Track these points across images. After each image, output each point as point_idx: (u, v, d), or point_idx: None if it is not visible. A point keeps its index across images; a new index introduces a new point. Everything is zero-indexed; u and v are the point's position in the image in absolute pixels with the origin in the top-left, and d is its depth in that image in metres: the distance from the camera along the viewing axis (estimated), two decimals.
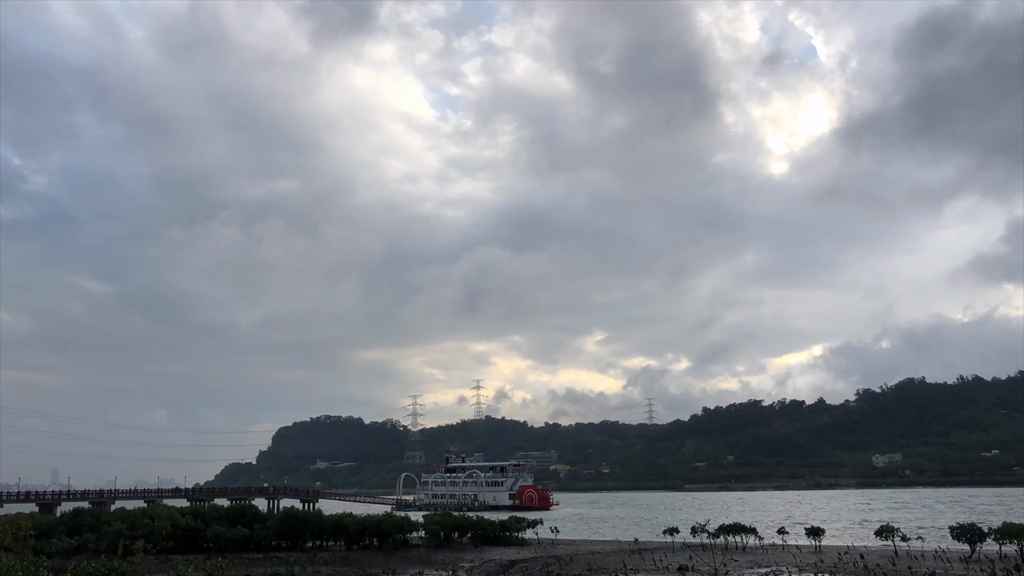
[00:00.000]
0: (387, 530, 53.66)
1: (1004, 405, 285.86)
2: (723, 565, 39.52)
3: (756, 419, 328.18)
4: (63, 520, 59.25)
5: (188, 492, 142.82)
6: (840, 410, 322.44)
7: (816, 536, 47.81)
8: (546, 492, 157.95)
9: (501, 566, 42.01)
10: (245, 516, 54.52)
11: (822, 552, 44.76)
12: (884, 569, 36.35)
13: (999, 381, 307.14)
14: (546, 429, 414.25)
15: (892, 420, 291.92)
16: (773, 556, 44.24)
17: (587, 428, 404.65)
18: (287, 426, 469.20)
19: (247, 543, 50.67)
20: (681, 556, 44.14)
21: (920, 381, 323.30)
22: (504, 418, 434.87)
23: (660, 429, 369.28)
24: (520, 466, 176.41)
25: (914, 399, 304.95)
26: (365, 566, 42.22)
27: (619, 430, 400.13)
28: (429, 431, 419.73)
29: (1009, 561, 36.41)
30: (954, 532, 42.26)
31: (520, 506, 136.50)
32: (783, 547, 48.37)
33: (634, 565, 40.82)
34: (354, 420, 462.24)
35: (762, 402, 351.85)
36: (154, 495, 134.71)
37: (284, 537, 53.31)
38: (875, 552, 43.67)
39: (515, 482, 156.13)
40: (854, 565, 37.95)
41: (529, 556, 46.99)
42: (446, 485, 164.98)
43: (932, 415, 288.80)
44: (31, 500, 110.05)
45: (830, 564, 38.85)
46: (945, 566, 37.20)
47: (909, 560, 39.53)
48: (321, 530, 54.02)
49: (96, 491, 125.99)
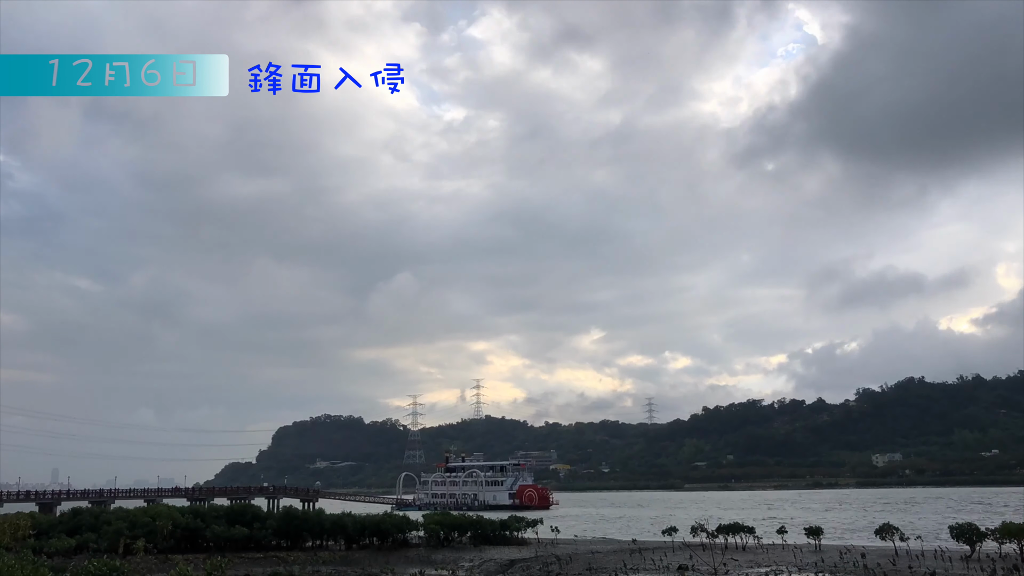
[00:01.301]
0: (387, 530, 53.69)
1: (1004, 405, 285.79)
2: (723, 565, 39.54)
3: (756, 419, 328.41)
4: (63, 519, 59.23)
5: (188, 491, 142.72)
6: (840, 410, 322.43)
7: (816, 536, 47.81)
8: (546, 492, 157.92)
9: (501, 566, 42.02)
10: (245, 516, 54.50)
11: (822, 552, 44.76)
12: (884, 569, 36.38)
13: (999, 381, 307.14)
14: (546, 429, 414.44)
15: (892, 420, 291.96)
16: (773, 556, 44.26)
17: (587, 427, 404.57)
18: (287, 425, 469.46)
19: (247, 543, 50.65)
20: (681, 556, 44.16)
21: (920, 381, 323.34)
22: (504, 418, 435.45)
23: (660, 429, 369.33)
24: (520, 465, 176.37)
25: (914, 399, 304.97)
26: (365, 565, 42.24)
27: (619, 429, 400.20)
28: (429, 431, 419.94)
29: (1009, 561, 36.44)
30: (954, 532, 42.29)
31: (520, 506, 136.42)
32: (783, 547, 48.39)
33: (634, 565, 40.84)
34: (354, 420, 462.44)
35: (762, 402, 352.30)
36: (154, 494, 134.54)
37: (284, 537, 53.30)
38: (875, 552, 43.68)
39: (515, 482, 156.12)
40: (854, 565, 37.99)
41: (529, 556, 46.98)
42: (446, 485, 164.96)
43: (932, 415, 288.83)
44: (31, 499, 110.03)
45: (830, 564, 38.89)
46: (945, 566, 37.23)
47: (909, 560, 39.56)
48: (321, 529, 54.01)
49: (96, 490, 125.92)
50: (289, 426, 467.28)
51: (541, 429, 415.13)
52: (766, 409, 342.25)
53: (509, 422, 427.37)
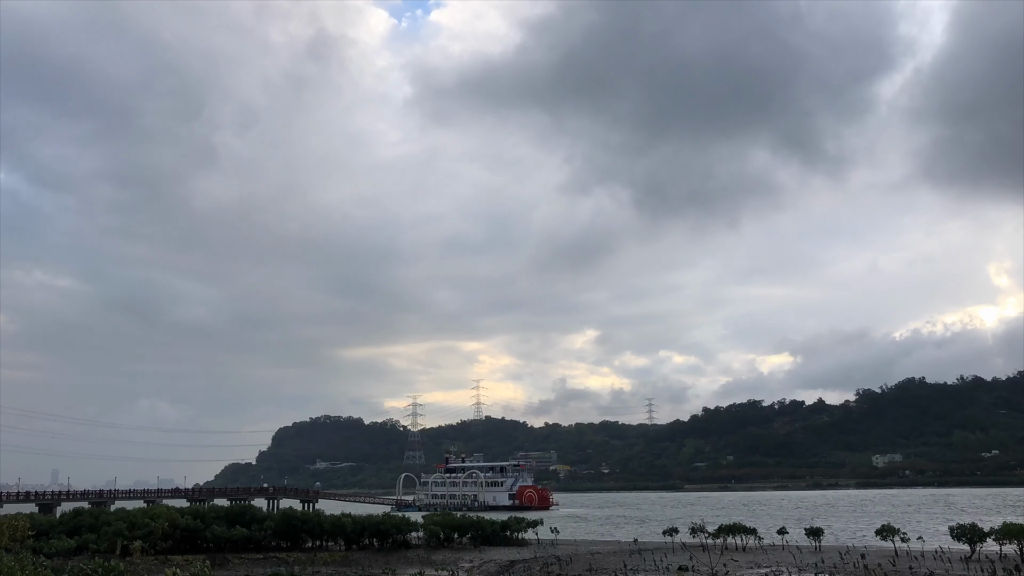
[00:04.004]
0: (386, 530, 53.65)
1: (1004, 405, 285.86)
2: (723, 565, 39.50)
3: (756, 419, 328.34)
4: (63, 520, 59.13)
5: (188, 492, 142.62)
6: (840, 410, 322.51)
7: (816, 536, 47.77)
8: (546, 492, 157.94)
9: (501, 566, 41.96)
10: (244, 516, 54.44)
11: (822, 552, 44.72)
12: (884, 569, 36.33)
13: (999, 381, 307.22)
14: (546, 429, 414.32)
15: (892, 420, 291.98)
16: (773, 556, 44.21)
17: (587, 428, 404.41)
18: (287, 426, 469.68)
19: (246, 543, 50.60)
20: (681, 556, 44.12)
21: (920, 381, 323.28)
22: (504, 418, 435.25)
23: (660, 429, 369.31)
24: (520, 466, 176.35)
25: (914, 399, 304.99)
26: (364, 566, 42.17)
27: (619, 430, 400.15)
28: (429, 431, 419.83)
29: (1009, 561, 36.40)
30: (954, 532, 42.26)
31: (520, 506, 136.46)
32: (783, 547, 48.35)
33: (634, 565, 40.78)
34: (354, 420, 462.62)
35: (762, 402, 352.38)
36: (154, 495, 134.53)
37: (283, 537, 53.25)
38: (875, 552, 43.65)
39: (515, 482, 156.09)
40: (854, 565, 37.94)
41: (529, 556, 46.93)
42: (446, 485, 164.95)
43: (932, 415, 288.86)
44: (31, 500, 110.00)
45: (830, 564, 38.83)
46: (945, 566, 37.19)
47: (909, 560, 39.53)
48: (320, 530, 53.96)
49: (96, 491, 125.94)
50: (289, 427, 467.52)
51: (541, 430, 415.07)
52: (766, 409, 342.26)
53: (509, 423, 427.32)
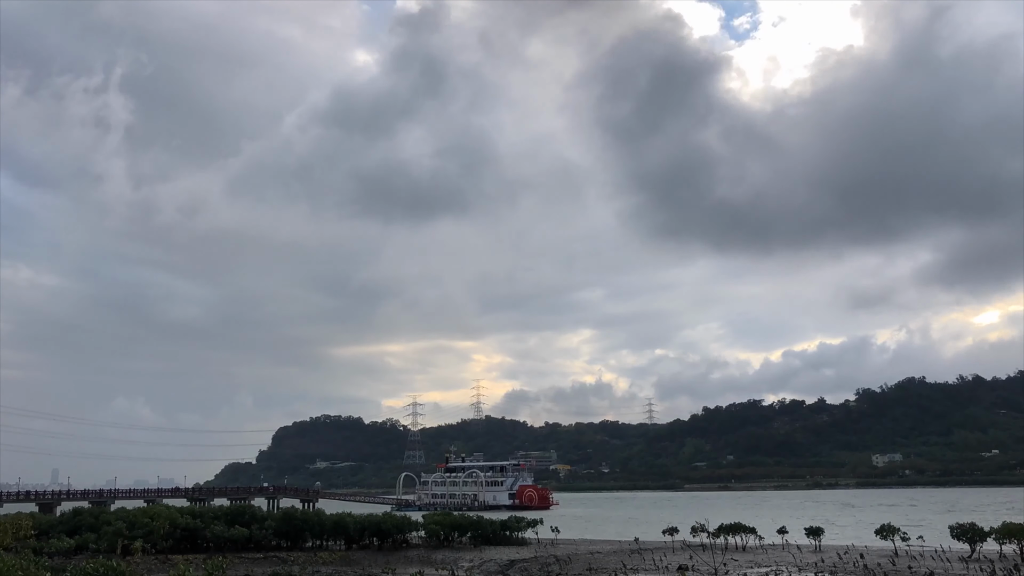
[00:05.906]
0: (387, 530, 53.67)
1: (1004, 405, 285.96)
2: (723, 565, 39.50)
3: (756, 419, 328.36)
4: (63, 520, 59.26)
5: (188, 492, 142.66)
6: (840, 410, 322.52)
7: (816, 536, 47.78)
8: (546, 492, 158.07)
9: (501, 566, 41.99)
10: (244, 516, 54.52)
11: (822, 552, 44.74)
12: (884, 569, 36.36)
13: (999, 381, 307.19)
14: (546, 429, 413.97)
15: (892, 420, 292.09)
16: (773, 556, 44.24)
17: (587, 428, 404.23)
18: (287, 426, 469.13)
19: (247, 543, 50.64)
20: (681, 556, 44.15)
21: (920, 381, 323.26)
22: (504, 418, 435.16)
23: (660, 429, 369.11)
24: (520, 466, 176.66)
25: (914, 399, 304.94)
26: (365, 566, 42.20)
27: (619, 430, 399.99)
28: (429, 431, 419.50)
29: (1009, 561, 36.42)
30: (954, 532, 42.27)
31: (520, 506, 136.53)
32: (783, 547, 48.36)
33: (634, 565, 40.82)
34: (354, 420, 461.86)
35: (762, 402, 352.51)
36: (154, 495, 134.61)
37: (284, 537, 53.28)
38: (875, 552, 43.66)
39: (515, 482, 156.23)
40: (854, 565, 37.97)
41: (529, 556, 46.97)
42: (446, 485, 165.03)
43: (932, 415, 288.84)
44: (31, 500, 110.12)
45: (830, 564, 38.86)
46: (945, 566, 37.21)
47: (909, 560, 39.55)
48: (321, 530, 54.00)
49: (96, 491, 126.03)
50: (289, 426, 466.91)
51: (541, 430, 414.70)
52: (766, 409, 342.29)
53: (509, 422, 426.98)
